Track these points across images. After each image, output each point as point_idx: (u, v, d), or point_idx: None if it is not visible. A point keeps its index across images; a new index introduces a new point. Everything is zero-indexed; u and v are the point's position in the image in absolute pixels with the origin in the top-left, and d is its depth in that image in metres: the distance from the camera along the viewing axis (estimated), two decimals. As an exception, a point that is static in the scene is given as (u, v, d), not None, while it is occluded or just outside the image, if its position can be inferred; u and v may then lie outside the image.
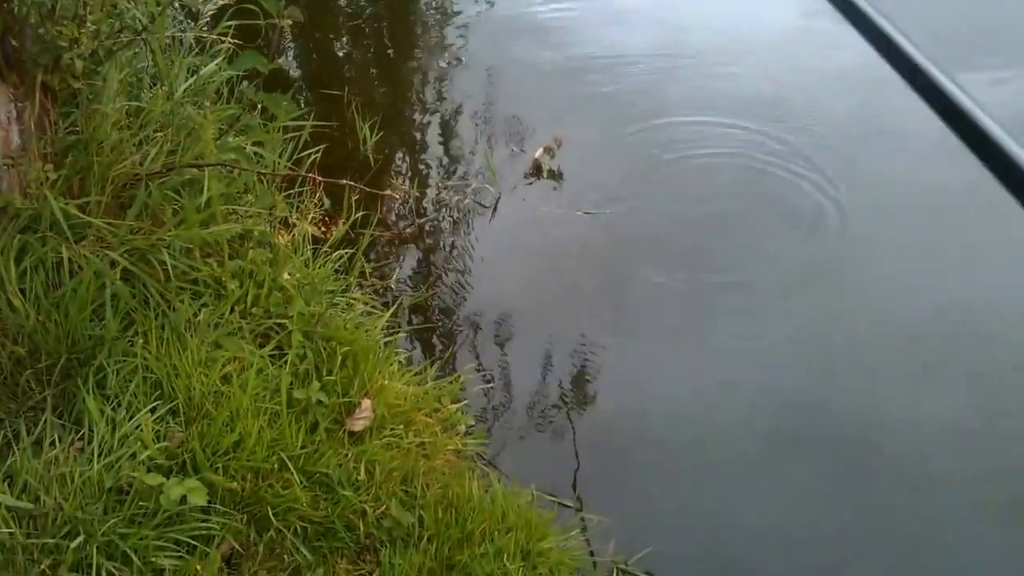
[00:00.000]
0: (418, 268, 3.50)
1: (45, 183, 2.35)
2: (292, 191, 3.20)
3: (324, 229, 3.30)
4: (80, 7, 2.39)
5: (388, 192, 3.41)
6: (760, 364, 3.04)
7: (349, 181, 2.99)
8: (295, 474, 2.18)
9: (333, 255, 3.03)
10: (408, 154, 4.21)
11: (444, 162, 4.13)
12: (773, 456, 2.75)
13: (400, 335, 2.96)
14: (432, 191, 3.92)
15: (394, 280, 3.37)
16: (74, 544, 1.84)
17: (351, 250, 3.09)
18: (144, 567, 1.89)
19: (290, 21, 2.61)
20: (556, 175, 3.93)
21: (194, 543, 1.98)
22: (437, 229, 3.70)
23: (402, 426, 2.48)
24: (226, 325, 2.45)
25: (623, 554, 2.43)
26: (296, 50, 4.97)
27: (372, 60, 4.95)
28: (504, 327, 3.22)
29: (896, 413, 2.87)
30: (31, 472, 1.96)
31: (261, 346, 2.48)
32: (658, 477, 2.72)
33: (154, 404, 2.18)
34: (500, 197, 3.81)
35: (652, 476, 2.72)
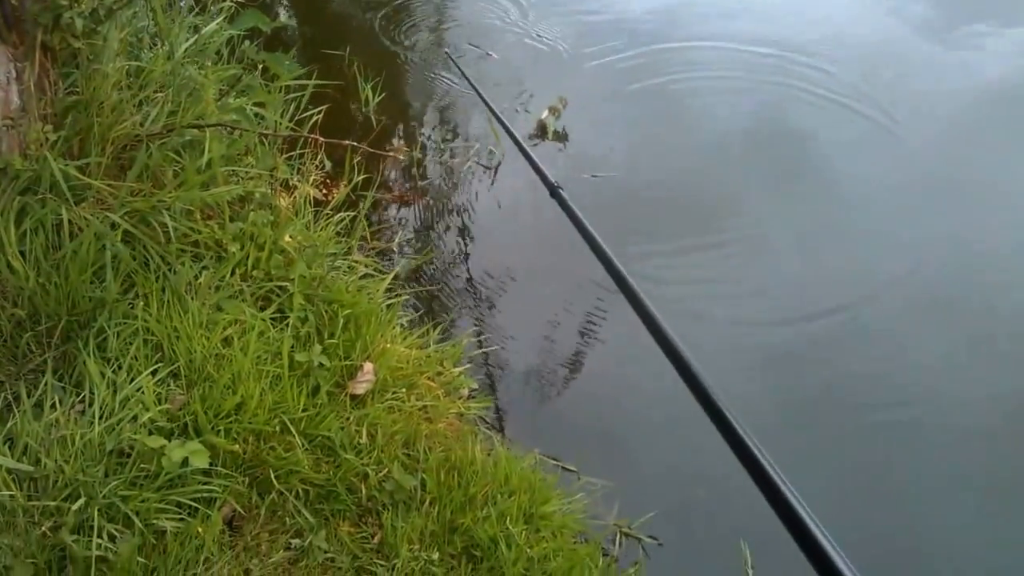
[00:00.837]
0: (420, 231, 3.47)
1: (45, 144, 2.32)
2: (293, 153, 3.17)
3: (325, 191, 3.27)
4: (79, -36, 2.35)
5: (391, 153, 3.37)
6: (768, 328, 3.03)
7: (351, 142, 2.96)
8: (297, 437, 2.17)
9: (335, 218, 3.01)
10: (410, 116, 4.16)
11: (447, 124, 4.08)
12: (785, 421, 2.74)
13: (402, 298, 2.94)
14: (434, 153, 3.88)
15: (396, 243, 3.35)
16: (75, 506, 1.84)
17: (352, 213, 3.07)
18: (146, 529, 1.89)
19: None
20: (561, 136, 3.89)
21: (196, 505, 1.97)
22: (439, 192, 3.67)
23: (404, 389, 2.48)
24: (227, 288, 2.43)
25: (626, 517, 2.43)
26: (297, 7, 4.92)
27: (374, 21, 4.89)
28: (507, 290, 3.20)
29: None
30: (32, 434, 1.96)
31: (262, 309, 2.46)
32: (662, 441, 2.71)
33: (155, 367, 2.17)
34: (503, 158, 3.78)
35: (656, 440, 2.71)
